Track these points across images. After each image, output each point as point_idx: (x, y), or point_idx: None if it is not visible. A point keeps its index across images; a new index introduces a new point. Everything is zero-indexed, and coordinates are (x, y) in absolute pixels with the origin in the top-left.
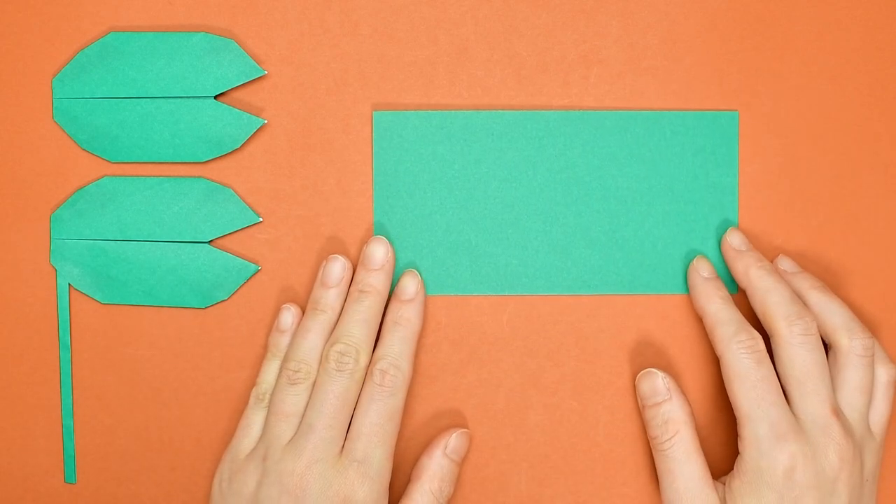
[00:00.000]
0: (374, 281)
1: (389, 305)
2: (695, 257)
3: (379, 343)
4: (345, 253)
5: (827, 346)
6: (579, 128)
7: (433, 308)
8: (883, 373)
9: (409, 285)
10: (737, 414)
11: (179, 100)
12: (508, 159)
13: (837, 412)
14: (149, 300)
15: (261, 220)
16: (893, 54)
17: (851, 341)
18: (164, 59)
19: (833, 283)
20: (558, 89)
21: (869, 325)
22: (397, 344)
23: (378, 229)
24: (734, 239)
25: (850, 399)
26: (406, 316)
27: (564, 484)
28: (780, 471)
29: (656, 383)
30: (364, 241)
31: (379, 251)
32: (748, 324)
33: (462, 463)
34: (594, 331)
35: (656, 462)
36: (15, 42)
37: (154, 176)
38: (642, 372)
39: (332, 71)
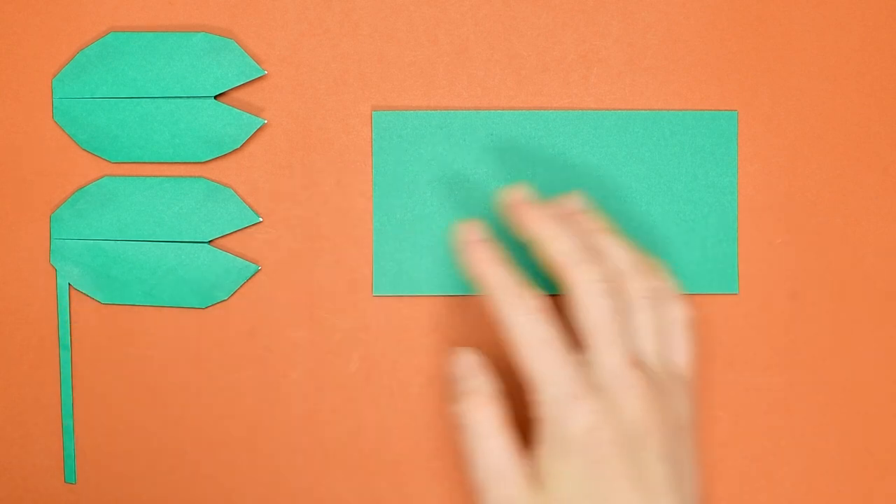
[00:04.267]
0: None
1: None
2: (463, 222)
3: None
4: (343, 253)
5: None
6: (579, 128)
7: (433, 308)
8: (674, 311)
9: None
10: (529, 381)
11: (179, 100)
12: (508, 159)
13: (636, 362)
14: (149, 300)
15: (261, 220)
16: (894, 54)
17: (632, 284)
18: (164, 59)
19: (833, 283)
20: (558, 89)
21: (868, 324)
22: None
23: (378, 229)
24: (515, 193)
25: (645, 344)
26: None
27: None
28: (580, 431)
29: (464, 360)
30: (363, 242)
31: None
32: (528, 284)
33: None
34: None
35: (463, 442)
36: (15, 42)
37: (154, 176)
38: (452, 352)
39: (332, 71)
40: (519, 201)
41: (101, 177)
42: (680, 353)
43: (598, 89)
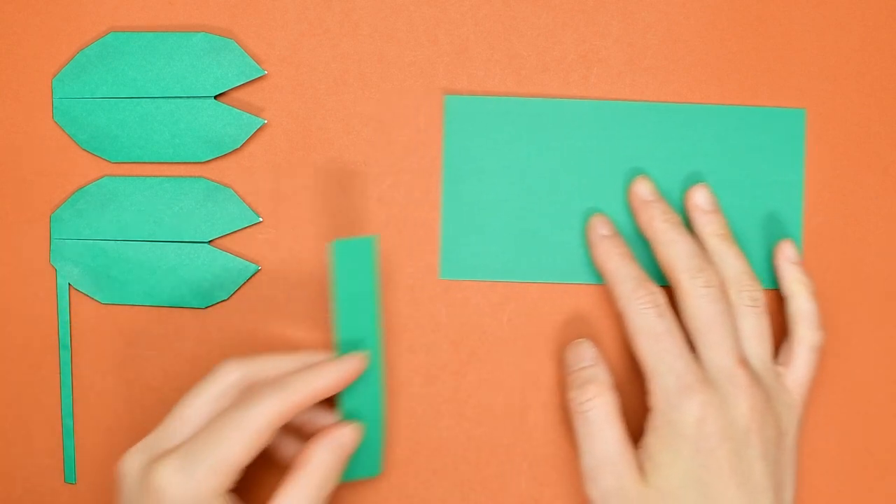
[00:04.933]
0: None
1: None
2: (592, 216)
3: None
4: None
5: None
6: (648, 119)
7: (434, 307)
8: (808, 336)
9: None
10: (643, 370)
11: (179, 100)
12: (577, 148)
13: (743, 362)
14: (149, 300)
15: (261, 220)
16: (893, 54)
17: (739, 294)
18: (164, 59)
19: (833, 283)
20: (558, 89)
21: (868, 324)
22: None
23: (446, 214)
24: (641, 188)
25: (750, 348)
26: None
27: (564, 484)
28: (692, 421)
29: (583, 350)
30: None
31: None
32: (648, 279)
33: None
34: (594, 331)
35: (576, 427)
36: (15, 42)
37: (154, 176)
38: (571, 343)
39: (332, 71)
40: (643, 198)
41: (101, 177)
42: (797, 375)
43: (598, 89)
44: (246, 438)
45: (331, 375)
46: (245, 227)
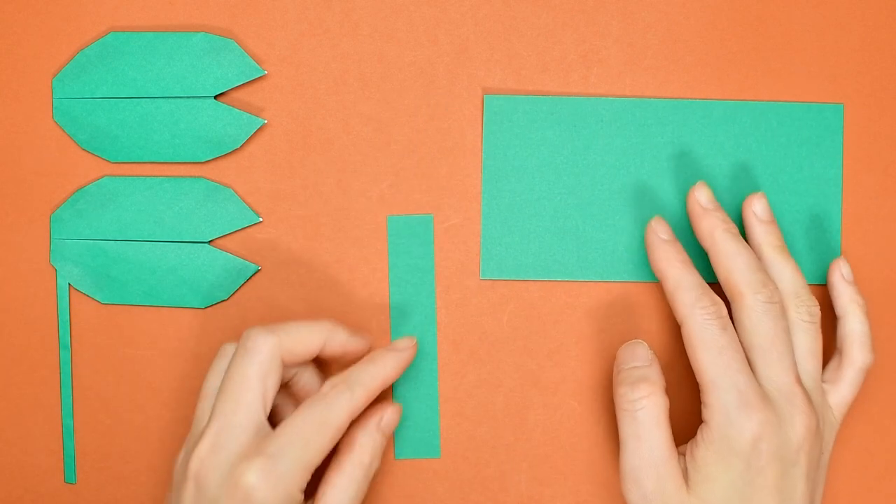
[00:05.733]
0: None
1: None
2: (652, 218)
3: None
4: (348, 255)
5: None
6: (688, 116)
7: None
8: (860, 358)
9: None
10: (701, 381)
11: (179, 100)
12: (617, 146)
13: (800, 381)
14: (149, 300)
15: (261, 220)
16: (893, 54)
17: (798, 309)
18: (164, 59)
19: None
20: (558, 89)
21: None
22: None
23: (486, 212)
24: (702, 195)
25: (802, 364)
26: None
27: (564, 484)
28: (748, 439)
29: (638, 350)
30: (363, 242)
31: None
32: (710, 289)
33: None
34: (594, 330)
35: (621, 426)
36: (15, 42)
37: (154, 176)
38: (627, 342)
39: (332, 71)
40: (703, 205)
41: (101, 177)
42: (842, 395)
43: (598, 89)
44: (327, 438)
45: (393, 366)
46: (245, 227)
